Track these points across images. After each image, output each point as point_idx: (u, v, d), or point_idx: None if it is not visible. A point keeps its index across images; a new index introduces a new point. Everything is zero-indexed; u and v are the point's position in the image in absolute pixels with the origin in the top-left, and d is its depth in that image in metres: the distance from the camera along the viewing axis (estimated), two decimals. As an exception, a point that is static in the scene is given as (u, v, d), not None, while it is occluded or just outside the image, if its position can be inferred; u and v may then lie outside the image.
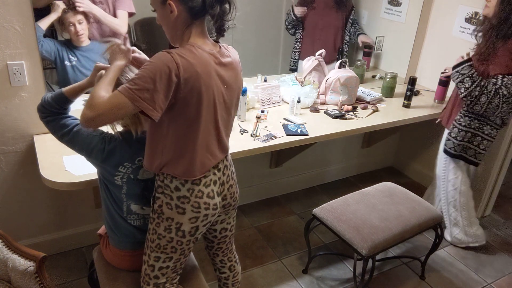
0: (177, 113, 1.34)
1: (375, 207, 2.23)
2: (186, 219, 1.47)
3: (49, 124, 1.53)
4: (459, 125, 2.45)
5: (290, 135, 2.31)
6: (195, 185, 1.46)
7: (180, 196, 1.46)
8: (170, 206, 1.47)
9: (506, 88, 2.23)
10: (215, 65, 1.36)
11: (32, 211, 2.28)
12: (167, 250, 1.52)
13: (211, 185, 1.51)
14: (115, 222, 1.61)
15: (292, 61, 3.33)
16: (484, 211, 3.09)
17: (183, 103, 1.32)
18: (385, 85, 3.02)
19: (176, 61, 1.26)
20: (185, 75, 1.27)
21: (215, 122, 1.44)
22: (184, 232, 1.50)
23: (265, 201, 3.10)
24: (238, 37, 3.19)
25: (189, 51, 1.30)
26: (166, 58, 1.26)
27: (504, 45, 2.21)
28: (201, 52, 1.33)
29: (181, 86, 1.28)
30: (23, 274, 1.49)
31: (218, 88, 1.39)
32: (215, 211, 1.53)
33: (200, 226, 1.52)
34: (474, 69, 2.31)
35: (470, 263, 2.63)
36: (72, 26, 2.28)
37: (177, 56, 1.26)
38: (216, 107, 1.40)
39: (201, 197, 1.47)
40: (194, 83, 1.30)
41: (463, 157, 2.48)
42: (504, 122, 2.44)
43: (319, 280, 2.42)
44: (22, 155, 2.14)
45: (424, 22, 3.15)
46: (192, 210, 1.47)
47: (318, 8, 3.15)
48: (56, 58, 2.31)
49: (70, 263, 2.38)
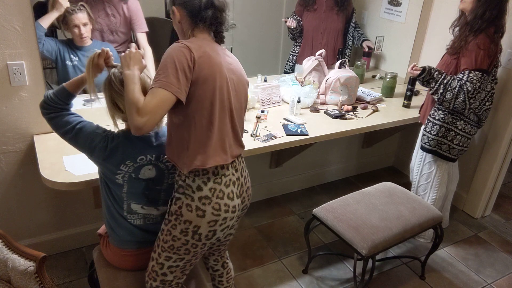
0: (197, 93, 1.39)
1: (375, 207, 2.23)
2: (204, 222, 1.47)
3: (52, 120, 1.53)
4: (433, 119, 2.46)
5: (290, 135, 2.31)
6: (217, 184, 1.47)
7: (202, 196, 1.46)
8: (190, 208, 1.46)
9: (471, 83, 2.24)
10: (222, 55, 1.47)
11: (32, 211, 2.28)
12: (180, 251, 1.53)
13: (231, 186, 1.52)
14: (116, 221, 1.61)
15: (288, 64, 3.31)
16: (484, 211, 3.10)
17: (201, 80, 1.38)
18: (385, 85, 3.02)
19: (186, 45, 1.37)
20: (197, 54, 1.37)
21: (229, 106, 1.47)
22: (201, 236, 1.49)
23: (265, 201, 3.09)
24: (238, 37, 3.20)
25: (195, 39, 1.44)
26: (177, 46, 1.38)
27: (474, 39, 2.23)
28: (208, 41, 1.46)
29: (196, 65, 1.36)
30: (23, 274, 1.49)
31: (229, 73, 1.46)
32: (234, 214, 1.54)
33: (218, 231, 1.52)
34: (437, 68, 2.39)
35: (470, 263, 2.63)
36: (77, 28, 2.28)
37: (186, 42, 1.39)
38: (229, 89, 1.46)
39: (222, 198, 1.48)
40: (206, 60, 1.38)
41: (437, 152, 2.49)
42: (480, 119, 2.45)
43: (319, 280, 2.42)
44: (22, 155, 2.14)
45: (424, 22, 3.16)
46: (212, 213, 1.47)
47: (319, 11, 3.14)
48: (57, 57, 2.31)
49: (70, 263, 2.38)
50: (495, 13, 2.20)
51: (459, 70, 2.31)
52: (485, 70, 2.24)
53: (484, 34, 2.22)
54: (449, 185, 2.67)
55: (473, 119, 2.42)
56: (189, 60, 1.35)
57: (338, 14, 3.17)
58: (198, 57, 1.37)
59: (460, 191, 3.09)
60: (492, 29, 2.23)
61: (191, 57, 1.36)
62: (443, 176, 2.58)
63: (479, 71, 2.23)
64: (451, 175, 2.64)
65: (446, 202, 2.76)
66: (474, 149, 2.98)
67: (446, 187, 2.63)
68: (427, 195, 2.64)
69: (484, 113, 2.43)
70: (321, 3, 3.11)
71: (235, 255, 2.54)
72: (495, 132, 2.84)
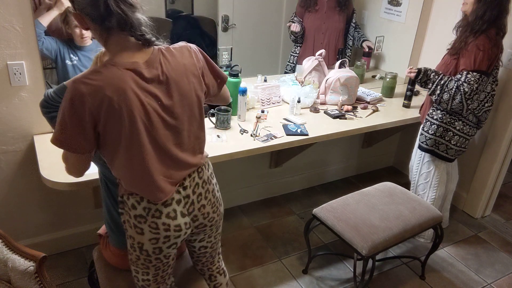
0: (109, 141, 1.26)
1: (375, 207, 2.23)
2: (146, 240, 1.39)
3: (53, 120, 1.52)
4: (431, 118, 2.46)
5: (290, 135, 2.31)
6: (152, 204, 1.36)
7: (137, 215, 1.37)
8: (129, 224, 1.40)
9: (468, 84, 2.24)
10: (136, 80, 1.23)
11: (32, 211, 2.28)
12: (139, 266, 1.47)
13: (173, 204, 1.39)
14: (115, 222, 1.61)
15: (289, 65, 3.31)
16: (484, 211, 3.09)
17: (110, 129, 1.23)
18: (385, 85, 3.02)
19: (80, 91, 1.16)
20: (94, 103, 1.18)
21: (154, 144, 1.30)
22: (148, 252, 1.42)
23: (265, 201, 3.09)
24: (238, 38, 3.20)
25: (96, 73, 1.20)
26: (68, 93, 1.18)
27: (474, 40, 2.23)
28: (114, 71, 1.21)
29: (95, 114, 1.20)
30: (23, 274, 1.49)
31: (146, 106, 1.25)
32: (179, 233, 1.42)
33: (164, 248, 1.42)
34: (433, 69, 2.41)
35: (470, 263, 2.63)
36: (78, 28, 2.28)
37: (80, 85, 1.17)
38: (148, 128, 1.27)
39: (159, 217, 1.37)
40: (108, 107, 1.19)
41: (434, 152, 2.49)
42: (480, 120, 2.46)
43: (319, 280, 2.42)
44: (22, 155, 2.14)
45: (424, 22, 3.15)
46: (150, 231, 1.38)
47: (320, 11, 3.13)
48: (57, 56, 2.31)
49: (70, 263, 2.38)
50: (495, 13, 2.20)
51: (459, 71, 2.31)
52: (483, 71, 2.24)
53: (485, 35, 2.22)
54: (449, 184, 2.67)
55: (472, 120, 2.42)
56: (82, 112, 1.18)
57: (340, 14, 3.17)
58: (96, 106, 1.18)
59: (460, 191, 3.09)
60: (493, 30, 2.23)
61: (86, 106, 1.17)
62: (442, 175, 2.58)
63: (477, 72, 2.23)
64: (450, 174, 2.64)
65: (446, 202, 2.76)
66: (474, 149, 2.98)
67: (446, 186, 2.63)
68: (426, 194, 2.64)
69: (483, 114, 2.43)
70: (323, 3, 3.11)
71: (235, 255, 2.54)
72: (495, 132, 2.84)
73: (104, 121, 1.21)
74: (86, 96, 1.17)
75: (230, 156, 2.11)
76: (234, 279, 2.37)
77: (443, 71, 2.39)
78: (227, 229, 2.75)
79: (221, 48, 2.60)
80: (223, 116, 2.28)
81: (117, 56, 1.24)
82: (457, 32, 2.39)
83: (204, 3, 3.13)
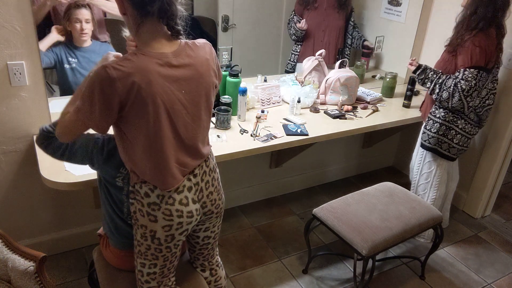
0: (131, 125, 1.31)
1: (375, 207, 2.23)
2: (159, 227, 1.43)
3: (48, 148, 1.52)
4: (434, 117, 2.46)
5: (290, 135, 2.31)
6: (165, 191, 1.41)
7: (150, 202, 1.41)
8: (142, 213, 1.43)
9: (465, 81, 2.24)
10: (163, 69, 1.29)
11: (32, 211, 2.28)
12: (148, 257, 1.49)
13: (185, 191, 1.45)
14: (115, 224, 1.61)
15: (290, 64, 3.31)
16: (484, 211, 3.10)
17: (133, 115, 1.28)
18: (385, 85, 3.02)
19: (111, 76, 1.21)
20: (124, 89, 1.23)
21: (174, 132, 1.37)
22: (160, 240, 1.45)
23: (265, 201, 3.09)
24: (238, 37, 3.20)
25: (126, 60, 1.25)
26: (98, 76, 1.22)
27: (471, 37, 2.23)
28: (144, 60, 1.26)
29: (123, 98, 1.24)
30: (23, 274, 1.49)
31: (170, 94, 1.31)
32: (191, 219, 1.47)
33: (176, 235, 1.46)
34: (432, 67, 2.41)
35: (470, 263, 2.63)
36: (79, 23, 2.29)
37: (112, 70, 1.21)
38: (170, 115, 1.33)
39: (173, 204, 1.42)
40: (137, 93, 1.25)
41: (437, 150, 2.49)
42: (481, 119, 2.45)
43: (319, 280, 2.42)
44: (22, 155, 2.14)
45: (424, 22, 3.15)
46: (164, 218, 1.42)
47: (320, 9, 3.14)
48: (56, 63, 2.32)
49: (70, 263, 2.38)
50: (490, 10, 2.19)
51: (457, 68, 2.31)
52: (481, 67, 2.23)
53: (483, 33, 2.21)
54: (449, 184, 2.67)
55: (474, 118, 2.42)
56: (110, 93, 1.22)
57: (339, 11, 3.18)
58: (126, 91, 1.23)
59: (460, 191, 3.09)
60: (493, 30, 2.22)
61: (115, 89, 1.22)
62: (442, 175, 2.57)
63: (474, 69, 2.23)
64: (451, 174, 2.64)
65: (446, 202, 2.76)
66: (474, 149, 2.98)
67: (446, 186, 2.63)
68: (427, 194, 2.64)
69: (485, 113, 2.43)
70: (322, 0, 3.12)
71: (235, 255, 2.54)
72: (495, 132, 2.84)
73: (129, 106, 1.26)
74: (116, 80, 1.21)
75: (230, 156, 2.11)
76: (234, 279, 2.37)
77: (442, 68, 2.39)
78: (227, 229, 2.75)
79: (221, 48, 2.60)
80: (223, 116, 2.28)
81: (147, 45, 1.30)
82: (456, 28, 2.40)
83: (204, 3, 3.13)
